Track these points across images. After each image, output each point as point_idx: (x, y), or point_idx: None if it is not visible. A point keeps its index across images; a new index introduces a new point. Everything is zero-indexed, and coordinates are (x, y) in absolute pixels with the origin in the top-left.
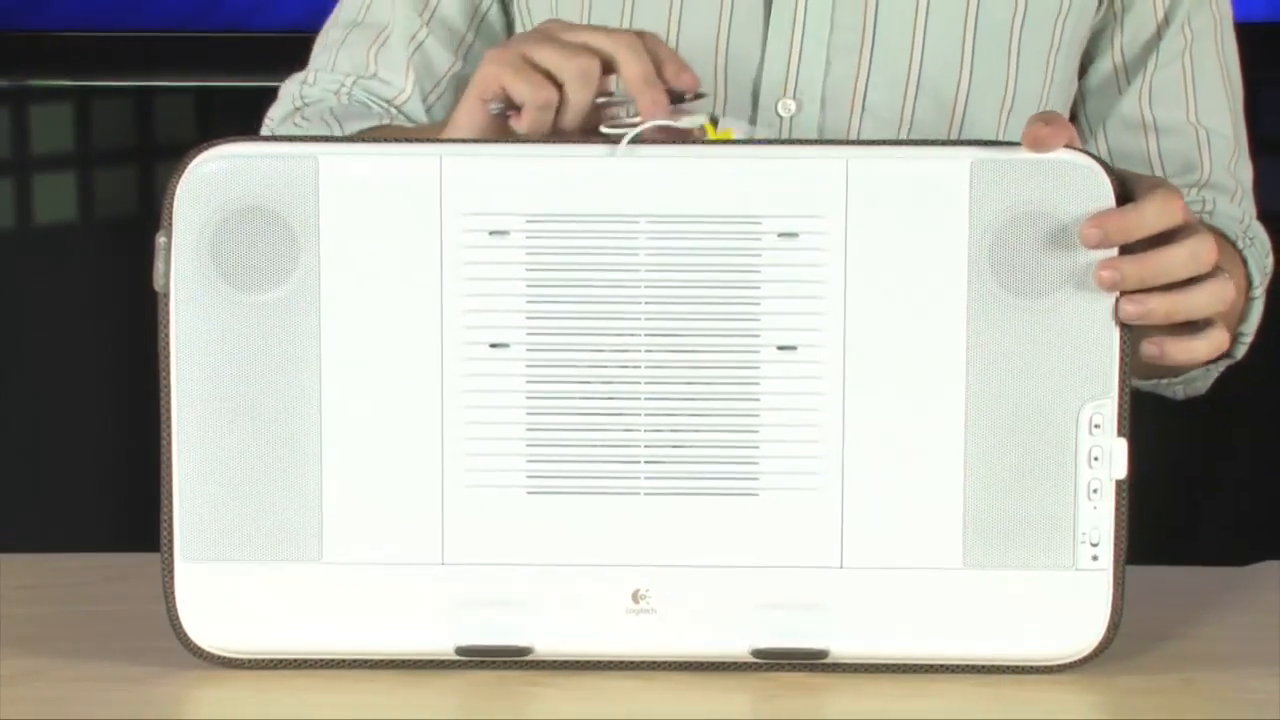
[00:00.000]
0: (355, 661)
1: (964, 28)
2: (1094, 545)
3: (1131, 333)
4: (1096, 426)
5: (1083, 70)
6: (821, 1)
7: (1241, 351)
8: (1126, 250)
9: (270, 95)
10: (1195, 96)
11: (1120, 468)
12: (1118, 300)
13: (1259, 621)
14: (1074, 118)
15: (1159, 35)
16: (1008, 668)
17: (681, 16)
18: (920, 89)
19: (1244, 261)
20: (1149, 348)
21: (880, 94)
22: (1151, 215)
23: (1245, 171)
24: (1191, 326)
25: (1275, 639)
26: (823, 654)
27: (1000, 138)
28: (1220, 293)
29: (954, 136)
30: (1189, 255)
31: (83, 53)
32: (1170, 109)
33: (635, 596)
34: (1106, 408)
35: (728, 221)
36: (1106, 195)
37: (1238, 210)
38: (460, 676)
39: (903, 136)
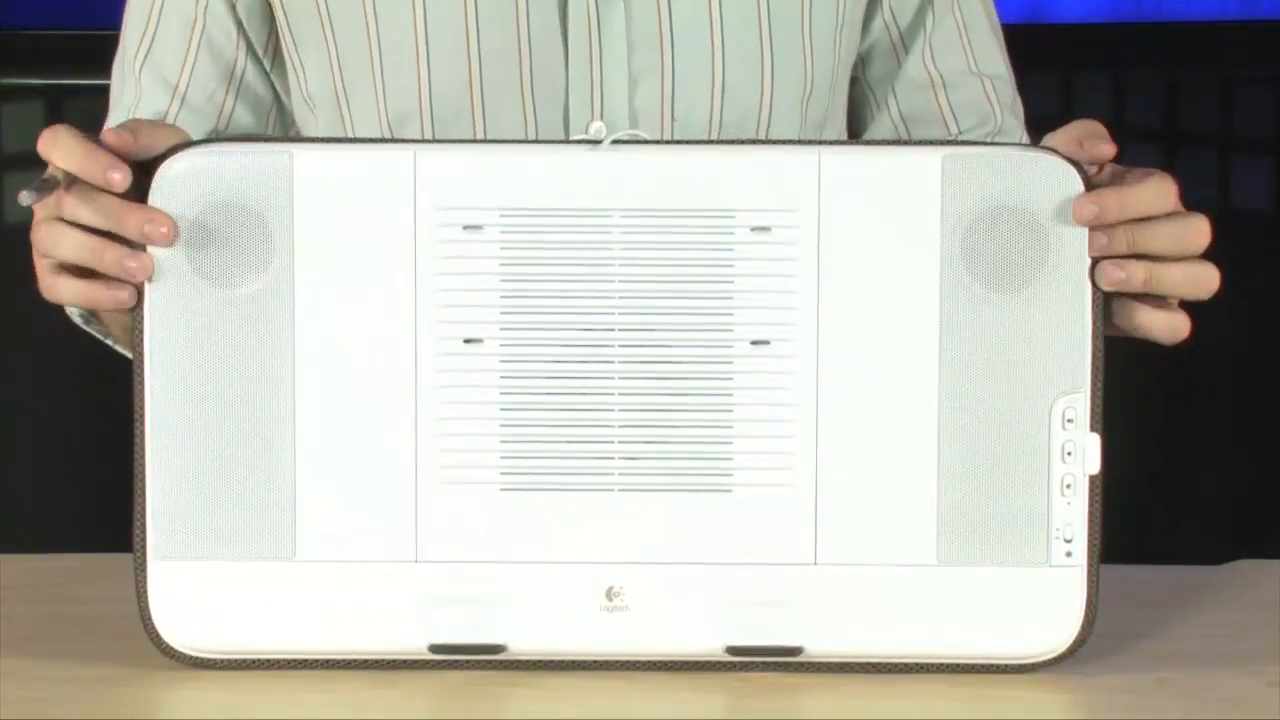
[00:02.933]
0: (329, 661)
1: (759, 25)
2: (1068, 541)
3: (1104, 318)
4: (1069, 421)
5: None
6: (615, 25)
7: None
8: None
9: None
10: (972, 47)
11: (1093, 463)
12: (1097, 263)
13: (1233, 620)
14: (854, 84)
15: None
16: (983, 666)
17: (480, 51)
18: (726, 93)
19: None
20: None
21: (687, 104)
22: (1147, 195)
23: (1019, 106)
24: (1157, 300)
25: (1249, 638)
26: (797, 651)
27: (802, 125)
28: (1201, 274)
29: (763, 134)
30: (1178, 229)
31: (53, 51)
32: (952, 61)
33: (609, 594)
34: (1079, 403)
35: (701, 216)
36: (1076, 190)
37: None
38: (434, 677)
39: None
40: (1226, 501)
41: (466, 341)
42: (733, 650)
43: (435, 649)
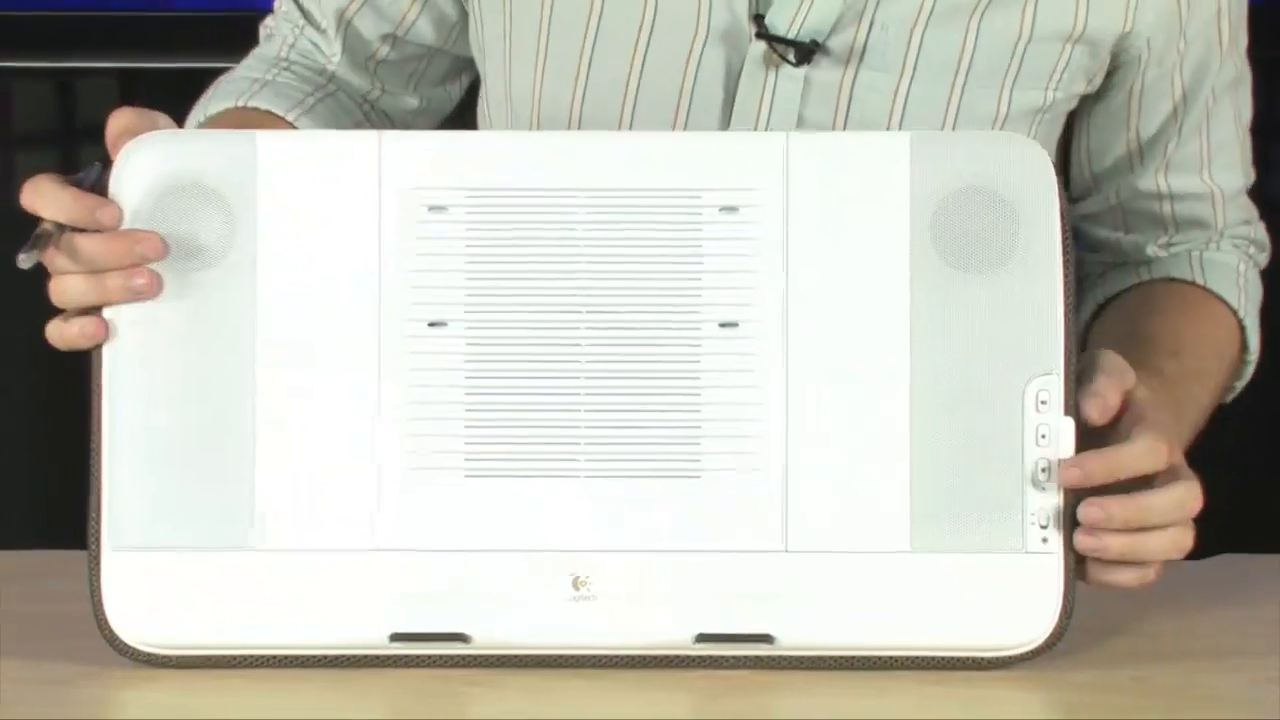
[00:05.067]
0: (287, 659)
1: (943, 123)
2: (1043, 527)
3: (1077, 312)
4: (1043, 403)
5: (1088, 136)
6: (788, 105)
7: (1231, 397)
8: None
9: (196, 76)
10: (1211, 165)
11: (1068, 446)
12: (1074, 530)
13: (1214, 616)
14: (1066, 159)
15: (1177, 115)
16: (958, 660)
17: (640, 87)
18: None
19: (1242, 329)
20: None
21: None
22: (1137, 458)
23: (1246, 203)
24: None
25: (1230, 634)
26: (768, 639)
27: None
28: (1178, 544)
29: None
30: (1175, 504)
31: (62, 32)
32: (1187, 178)
33: (575, 583)
34: (1053, 384)
35: (668, 195)
36: (1046, 171)
37: (1246, 230)
38: (395, 677)
39: None
40: (1209, 496)
41: (431, 325)
42: (703, 638)
43: (397, 638)
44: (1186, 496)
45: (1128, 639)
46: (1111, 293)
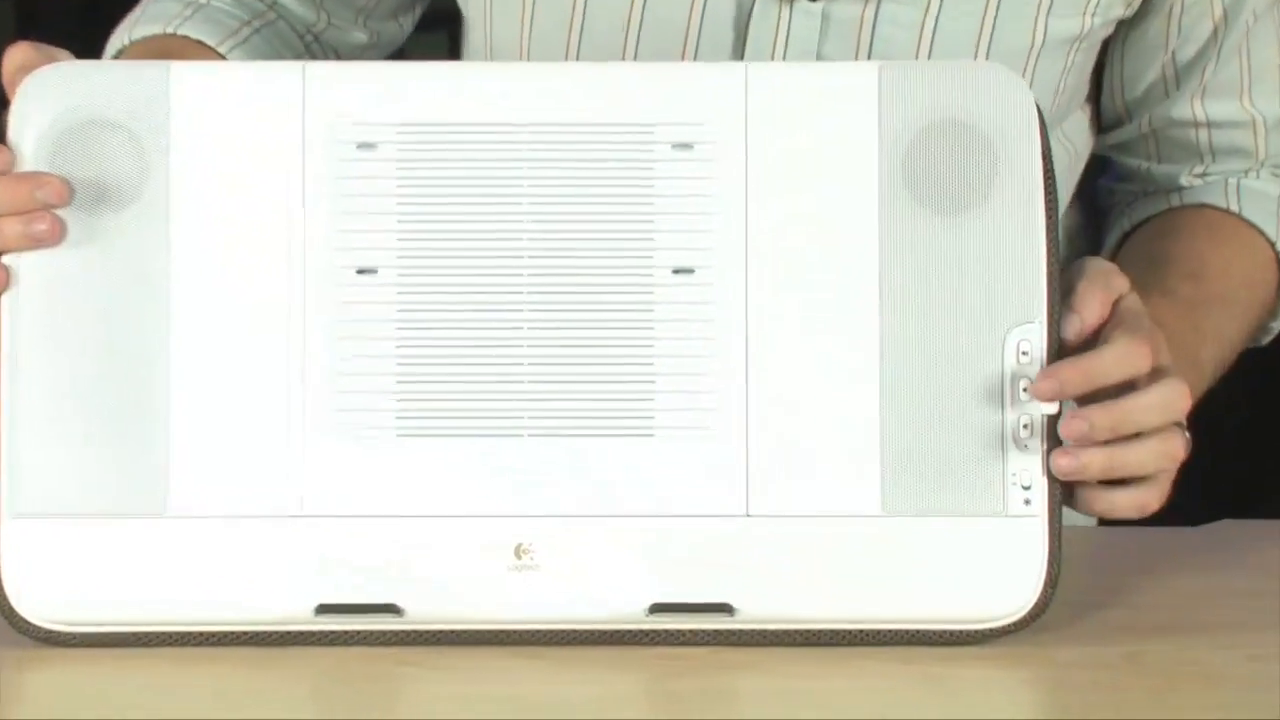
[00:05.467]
0: (202, 635)
1: (975, 57)
2: (1025, 489)
3: (1060, 262)
4: (1024, 354)
5: (1121, 62)
6: (806, 40)
7: (1268, 339)
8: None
9: (105, 5)
10: (1252, 91)
11: (1052, 403)
12: (1051, 452)
13: (1213, 587)
14: (1097, 88)
15: (1216, 37)
16: (934, 634)
17: (640, 41)
18: None
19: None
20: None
21: None
22: (1113, 363)
23: None
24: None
25: (1228, 607)
26: (726, 609)
27: None
28: (1166, 451)
29: None
30: (1159, 405)
31: None
32: (1226, 103)
33: (518, 552)
34: (1034, 334)
35: (618, 131)
36: (1026, 103)
37: None
38: (320, 655)
39: None
40: (1207, 458)
41: (360, 272)
42: (657, 609)
43: (323, 610)
44: (1172, 396)
45: (1118, 612)
46: (1139, 219)
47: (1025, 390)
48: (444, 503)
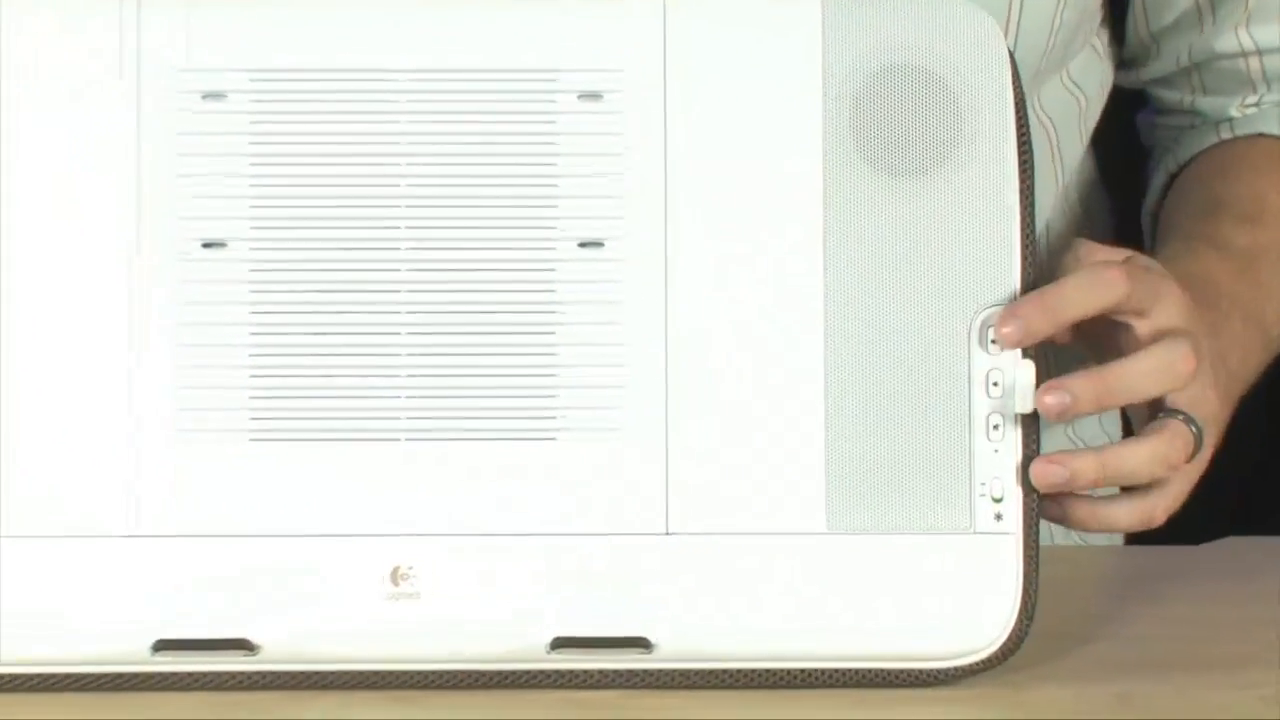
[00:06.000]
0: (19, 679)
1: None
2: (996, 501)
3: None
4: (994, 343)
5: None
6: None
7: None
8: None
9: None
10: None
11: (1026, 398)
12: (1030, 461)
13: (1216, 615)
14: (1115, 20)
15: None
16: (887, 674)
17: None
18: None
19: None
20: (1050, 507)
21: None
22: (1075, 293)
23: None
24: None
25: (1238, 639)
26: (644, 644)
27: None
28: (1170, 450)
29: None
30: (1161, 368)
31: None
32: (1270, 26)
33: (395, 576)
34: None
35: (514, 78)
36: (995, 44)
37: None
38: (159, 703)
39: None
40: (1214, 468)
41: (206, 246)
42: (560, 644)
43: (162, 647)
44: (1172, 358)
45: (1106, 646)
46: (1186, 158)
47: (996, 385)
48: (306, 519)
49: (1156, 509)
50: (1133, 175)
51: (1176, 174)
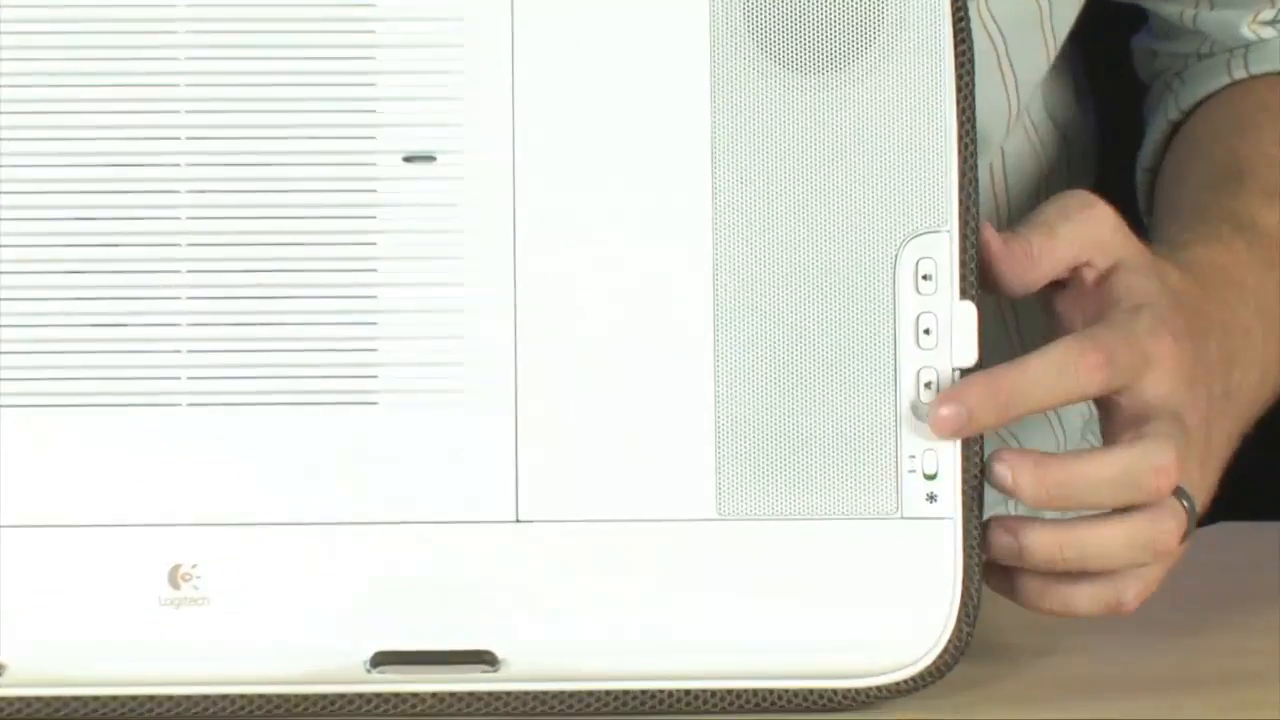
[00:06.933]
0: None
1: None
2: (929, 478)
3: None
4: (926, 279)
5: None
6: None
7: None
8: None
9: None
10: None
11: (968, 350)
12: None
13: (1201, 619)
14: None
15: None
16: (795, 698)
17: None
18: None
19: None
20: (996, 577)
21: None
22: (1042, 380)
23: None
24: None
25: (1223, 649)
26: (487, 659)
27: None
28: (1151, 535)
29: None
30: (1126, 481)
31: None
32: None
33: (174, 577)
34: (941, 247)
35: None
36: None
37: None
38: None
39: None
40: None
41: None
42: (382, 659)
43: None
44: (1144, 466)
45: (1067, 659)
46: (1193, 101)
47: (928, 332)
48: (62, 506)
49: (1125, 594)
50: (1129, 114)
51: (1180, 122)
